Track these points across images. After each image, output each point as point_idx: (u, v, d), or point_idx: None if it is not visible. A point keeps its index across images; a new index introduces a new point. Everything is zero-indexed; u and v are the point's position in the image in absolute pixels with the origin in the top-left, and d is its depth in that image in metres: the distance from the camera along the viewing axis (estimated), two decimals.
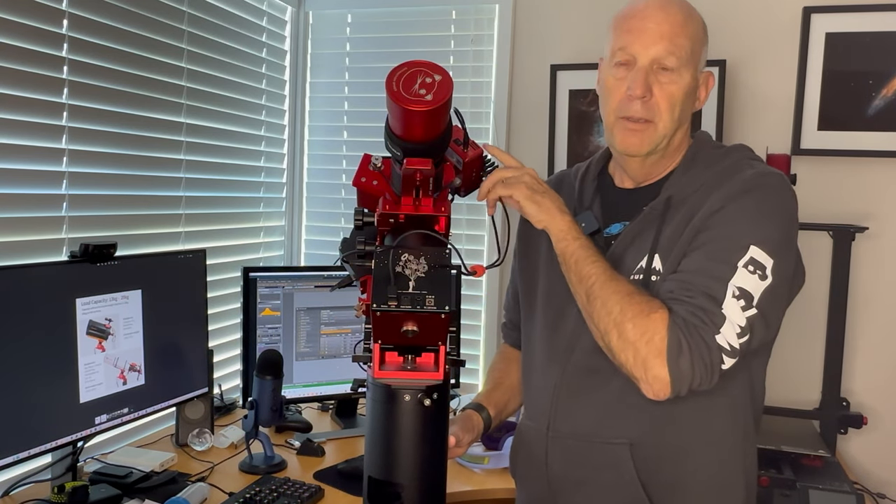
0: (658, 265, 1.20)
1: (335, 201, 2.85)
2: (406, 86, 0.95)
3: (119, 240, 1.78)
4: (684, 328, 1.09)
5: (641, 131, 1.22)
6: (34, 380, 1.57)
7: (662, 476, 1.21)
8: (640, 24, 1.20)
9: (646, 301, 1.12)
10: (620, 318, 1.11)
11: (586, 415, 1.25)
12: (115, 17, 1.98)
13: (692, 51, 1.20)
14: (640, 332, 1.09)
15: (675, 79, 1.20)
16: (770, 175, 1.19)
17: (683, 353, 1.08)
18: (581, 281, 1.16)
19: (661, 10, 1.20)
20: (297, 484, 1.77)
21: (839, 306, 2.20)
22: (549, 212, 1.18)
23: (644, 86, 1.19)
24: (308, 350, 2.23)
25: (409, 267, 1.01)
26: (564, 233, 1.18)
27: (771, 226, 1.15)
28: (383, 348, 1.04)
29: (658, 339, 1.09)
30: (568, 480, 1.28)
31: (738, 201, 1.15)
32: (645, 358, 1.09)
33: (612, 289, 1.13)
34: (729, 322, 1.10)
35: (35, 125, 1.77)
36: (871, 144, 2.21)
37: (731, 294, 1.10)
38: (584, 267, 1.16)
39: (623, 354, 1.12)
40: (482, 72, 2.63)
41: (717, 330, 1.09)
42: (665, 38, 1.18)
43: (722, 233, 1.15)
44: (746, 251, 1.12)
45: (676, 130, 1.24)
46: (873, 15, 2.18)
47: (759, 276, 1.11)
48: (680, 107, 1.21)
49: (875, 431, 2.23)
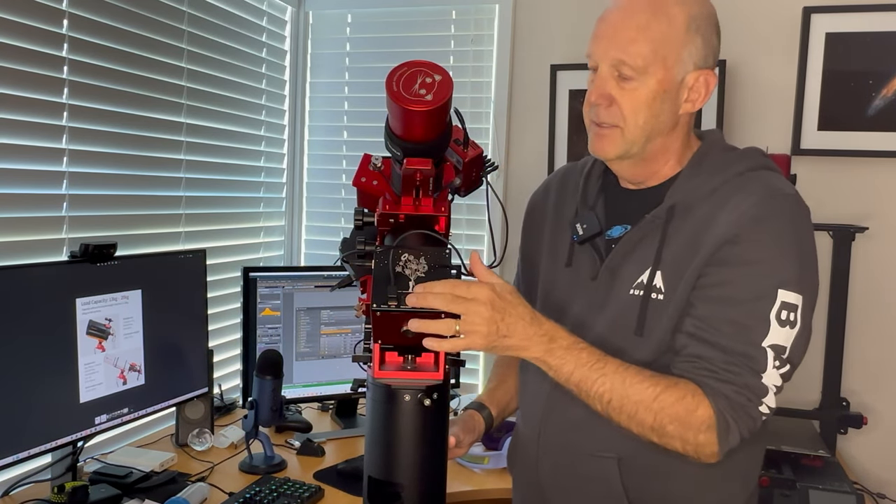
0: (660, 283, 1.16)
1: (335, 201, 2.85)
2: (406, 86, 0.95)
3: (119, 240, 1.78)
4: (730, 410, 1.07)
5: (608, 136, 1.18)
6: (34, 380, 1.57)
7: (652, 491, 1.19)
8: (601, 30, 1.18)
9: (679, 399, 1.07)
10: (657, 424, 1.08)
11: (576, 427, 1.22)
12: (115, 17, 1.98)
13: (656, 53, 1.12)
14: (685, 428, 1.08)
15: (635, 85, 1.13)
16: (783, 197, 1.13)
17: (732, 432, 1.08)
18: (594, 402, 1.10)
19: (622, 12, 1.15)
20: (297, 484, 1.77)
21: (839, 306, 2.20)
22: (520, 352, 1.08)
23: (598, 93, 1.16)
24: (308, 350, 2.23)
25: (409, 267, 1.01)
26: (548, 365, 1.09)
27: (792, 259, 1.11)
28: (383, 348, 1.04)
29: (706, 428, 1.07)
30: (557, 488, 1.27)
31: (753, 232, 1.10)
32: (696, 446, 1.09)
33: (633, 400, 1.08)
34: (770, 392, 1.09)
35: (35, 125, 1.77)
36: (871, 144, 2.21)
37: (771, 361, 1.08)
38: (590, 390, 1.09)
39: (670, 447, 1.10)
40: (482, 72, 2.63)
41: (761, 402, 1.09)
42: (619, 41, 1.13)
43: (742, 275, 1.10)
44: (775, 299, 1.09)
45: (652, 135, 1.17)
46: (873, 15, 2.18)
47: (790, 326, 1.09)
48: (647, 112, 1.15)
49: (875, 431, 2.23)
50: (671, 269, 1.15)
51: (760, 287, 1.09)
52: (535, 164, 2.55)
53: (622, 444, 1.18)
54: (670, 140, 1.20)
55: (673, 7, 1.14)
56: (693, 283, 1.13)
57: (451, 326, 1.01)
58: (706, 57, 1.17)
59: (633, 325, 1.17)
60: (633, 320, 1.17)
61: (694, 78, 1.16)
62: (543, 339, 1.08)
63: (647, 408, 1.07)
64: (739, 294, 1.10)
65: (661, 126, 1.17)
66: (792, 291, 1.09)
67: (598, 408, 1.10)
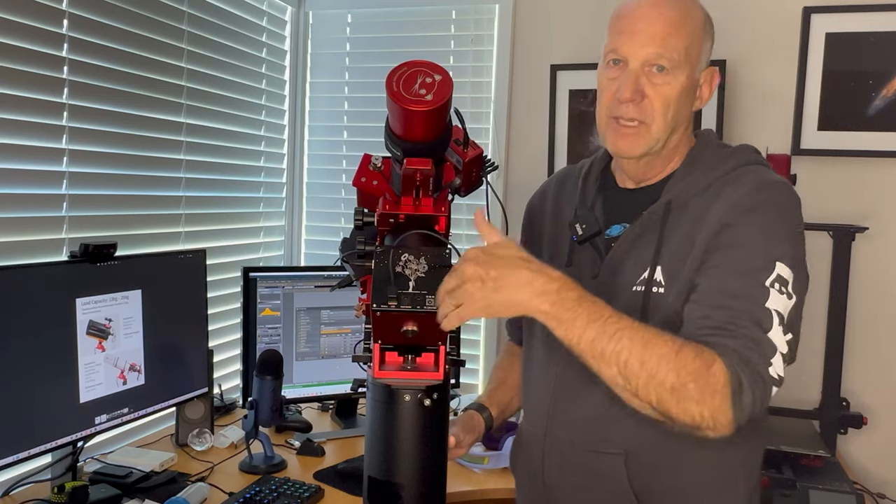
0: (660, 277, 1.17)
1: (335, 201, 2.85)
2: (406, 86, 0.95)
3: (119, 240, 1.78)
4: (741, 365, 1.02)
5: (634, 133, 1.18)
6: (34, 380, 1.57)
7: (658, 486, 1.20)
8: (631, 25, 1.17)
9: (697, 354, 1.00)
10: (679, 382, 0.99)
11: (582, 423, 1.23)
12: (115, 17, 1.98)
13: (688, 50, 1.16)
14: (703, 387, 0.99)
15: (668, 80, 1.16)
16: (775, 185, 1.16)
17: (745, 392, 1.01)
18: (608, 362, 1.00)
19: (654, 8, 1.16)
20: (297, 484, 1.77)
21: (839, 306, 2.20)
22: (521, 305, 0.99)
23: (633, 89, 1.16)
24: (308, 350, 2.23)
25: (409, 267, 1.01)
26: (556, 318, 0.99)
27: (786, 240, 1.12)
28: (383, 348, 1.04)
29: (722, 387, 1.00)
30: (563, 486, 1.27)
31: (749, 217, 1.12)
32: (713, 411, 1.00)
33: (653, 357, 0.99)
34: (778, 352, 1.05)
35: (35, 125, 1.77)
36: (871, 144, 2.21)
37: (776, 321, 1.06)
38: (606, 347, 0.99)
39: (687, 415, 1.00)
40: (482, 72, 2.63)
41: (769, 361, 1.05)
42: (656, 39, 1.15)
43: (741, 252, 1.10)
44: (773, 269, 1.09)
45: (673, 131, 1.20)
46: (873, 15, 2.18)
47: (787, 296, 1.09)
48: (674, 108, 1.17)
49: (875, 431, 2.23)
50: (670, 264, 1.17)
51: (757, 260, 1.10)
52: (535, 164, 2.55)
53: (628, 440, 1.19)
54: (681, 136, 1.24)
55: (692, 7, 1.19)
56: (691, 274, 1.14)
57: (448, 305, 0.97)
58: (709, 57, 1.23)
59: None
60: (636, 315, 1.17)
61: (704, 76, 1.22)
62: (549, 288, 0.98)
63: (668, 364, 0.98)
64: (738, 266, 1.10)
65: (681, 121, 1.21)
66: (786, 266, 1.10)
67: (612, 370, 1.00)
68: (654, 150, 1.20)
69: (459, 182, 1.12)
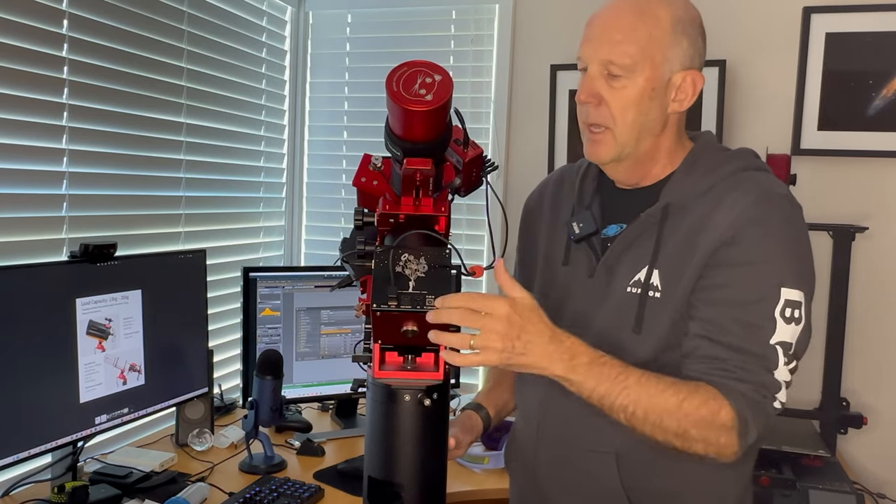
0: (657, 281, 1.18)
1: (335, 201, 2.85)
2: (406, 86, 0.95)
3: (119, 240, 1.78)
4: (748, 409, 1.09)
5: (600, 140, 1.20)
6: (34, 380, 1.57)
7: (649, 486, 1.20)
8: (591, 31, 1.21)
9: (702, 403, 1.08)
10: (680, 430, 1.08)
11: (574, 422, 1.24)
12: (115, 17, 1.98)
13: (645, 53, 1.15)
14: (707, 432, 1.09)
15: (624, 83, 1.16)
16: (777, 198, 1.15)
17: (751, 430, 1.10)
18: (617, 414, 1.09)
19: (612, 12, 1.19)
20: (297, 484, 1.77)
21: (839, 306, 2.20)
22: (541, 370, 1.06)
23: (588, 92, 1.19)
24: (308, 350, 2.23)
25: (409, 267, 1.01)
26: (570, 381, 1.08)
27: (792, 258, 1.13)
28: (383, 348, 1.04)
29: (727, 429, 1.09)
30: (555, 483, 1.28)
31: (752, 233, 1.12)
32: (718, 448, 1.10)
33: (658, 410, 1.08)
34: (782, 388, 1.12)
35: (35, 125, 1.77)
36: (871, 144, 2.20)
37: (782, 358, 1.11)
38: (614, 403, 1.08)
39: (692, 451, 1.11)
40: (482, 72, 2.63)
41: (775, 398, 1.12)
42: (608, 42, 1.17)
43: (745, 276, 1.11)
44: (779, 297, 1.10)
45: (643, 135, 1.19)
46: (873, 15, 2.18)
47: (795, 322, 1.11)
48: (635, 111, 1.17)
49: (875, 431, 2.23)
50: (668, 268, 1.17)
51: (763, 287, 1.11)
52: (535, 164, 2.55)
53: (620, 440, 1.19)
54: (661, 140, 1.22)
55: (659, 9, 1.17)
56: (692, 284, 1.15)
57: (465, 341, 1.00)
58: (692, 58, 1.20)
59: (632, 323, 1.18)
60: (630, 317, 1.19)
61: (681, 78, 1.19)
62: (564, 356, 1.05)
63: (671, 415, 1.07)
64: (744, 295, 1.12)
65: (650, 125, 1.19)
66: (793, 288, 1.11)
67: (620, 418, 1.09)
68: (625, 154, 1.21)
69: (459, 182, 1.11)
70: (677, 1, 1.20)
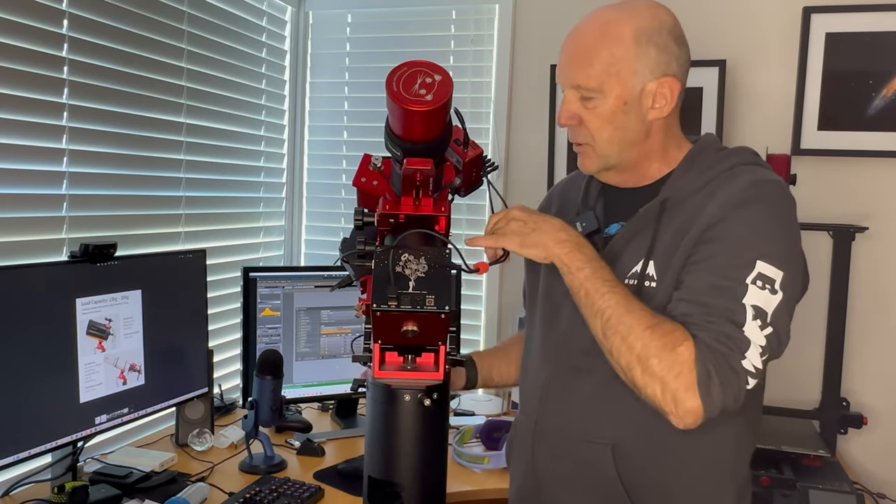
0: (652, 271, 1.19)
1: (335, 201, 2.85)
2: (406, 86, 0.95)
3: (119, 240, 1.78)
4: (711, 357, 1.07)
5: (584, 153, 1.26)
6: (34, 380, 1.57)
7: (646, 477, 1.21)
8: (561, 56, 1.24)
9: (668, 332, 1.09)
10: (643, 353, 1.08)
11: (572, 413, 1.26)
12: (115, 17, 1.98)
13: (610, 71, 1.17)
14: (667, 366, 1.07)
15: (596, 104, 1.19)
16: (767, 183, 1.17)
17: (713, 383, 1.06)
18: (595, 315, 1.13)
19: (575, 37, 1.23)
20: (297, 484, 1.77)
21: (839, 306, 2.20)
22: (546, 248, 1.17)
23: (566, 115, 1.23)
24: (308, 350, 2.23)
25: (409, 267, 1.01)
26: (567, 265, 1.16)
27: (774, 238, 1.14)
28: (383, 348, 1.04)
29: (686, 371, 1.06)
30: (551, 475, 1.29)
31: (738, 213, 1.14)
32: (675, 392, 1.07)
33: (629, 323, 1.10)
34: (753, 345, 1.09)
35: (35, 125, 1.77)
36: (871, 144, 2.21)
37: (750, 316, 1.09)
38: (596, 300, 1.13)
39: (649, 389, 1.08)
40: (482, 72, 2.63)
41: (743, 355, 1.08)
42: (573, 67, 1.20)
43: (725, 247, 1.13)
44: (753, 267, 1.11)
45: (627, 145, 1.22)
46: (873, 15, 2.18)
47: (770, 291, 1.10)
48: (612, 126, 1.20)
49: (875, 431, 2.24)
50: (663, 258, 1.19)
51: (740, 256, 1.12)
52: (535, 164, 2.55)
53: (617, 431, 1.21)
54: (648, 146, 1.24)
55: (621, 26, 1.18)
56: (681, 265, 1.17)
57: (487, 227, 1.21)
58: (667, 64, 1.19)
59: None
60: None
61: (655, 85, 1.19)
62: (570, 241, 1.17)
63: (638, 334, 1.09)
64: (720, 261, 1.13)
65: (630, 136, 1.22)
66: (771, 265, 1.11)
67: (596, 324, 1.13)
68: (610, 164, 1.25)
69: (459, 182, 1.12)
70: (643, 11, 1.20)
